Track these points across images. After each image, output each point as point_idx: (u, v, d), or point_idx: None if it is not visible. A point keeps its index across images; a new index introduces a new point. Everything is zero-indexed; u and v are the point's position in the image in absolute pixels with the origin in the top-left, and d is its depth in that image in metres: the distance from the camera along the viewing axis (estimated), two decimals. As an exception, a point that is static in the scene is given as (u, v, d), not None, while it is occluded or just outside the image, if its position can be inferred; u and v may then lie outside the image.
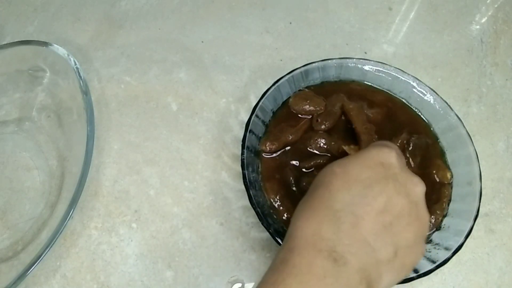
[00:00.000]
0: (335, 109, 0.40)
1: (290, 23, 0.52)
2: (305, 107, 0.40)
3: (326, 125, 0.39)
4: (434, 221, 0.36)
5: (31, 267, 0.34)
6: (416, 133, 0.40)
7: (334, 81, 0.43)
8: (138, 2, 0.54)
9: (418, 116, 0.41)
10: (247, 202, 0.37)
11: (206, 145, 0.44)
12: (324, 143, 0.39)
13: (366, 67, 0.42)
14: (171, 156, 0.44)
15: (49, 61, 0.44)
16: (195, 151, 0.44)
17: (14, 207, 0.41)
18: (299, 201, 0.29)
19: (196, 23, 0.52)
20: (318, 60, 0.41)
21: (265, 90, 0.40)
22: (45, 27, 0.52)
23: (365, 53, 0.50)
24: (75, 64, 0.42)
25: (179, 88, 0.48)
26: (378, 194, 0.26)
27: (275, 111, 0.41)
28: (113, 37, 0.52)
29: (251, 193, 0.35)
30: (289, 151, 0.39)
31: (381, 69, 0.42)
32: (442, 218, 0.37)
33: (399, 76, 0.41)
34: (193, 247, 0.39)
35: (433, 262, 0.33)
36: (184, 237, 0.40)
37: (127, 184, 0.42)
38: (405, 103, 0.42)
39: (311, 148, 0.39)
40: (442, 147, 0.40)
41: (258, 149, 0.39)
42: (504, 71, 0.49)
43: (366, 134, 0.38)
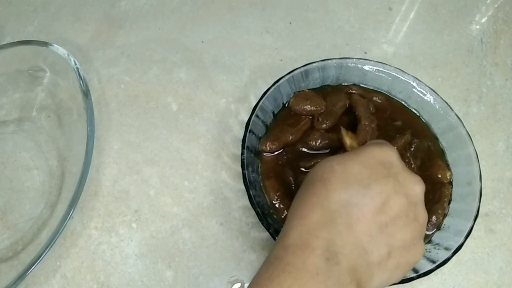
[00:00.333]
0: (336, 108, 0.40)
1: (290, 23, 0.52)
2: (305, 107, 0.40)
3: (327, 124, 0.40)
4: (436, 221, 0.36)
5: (31, 267, 0.34)
6: (417, 134, 0.40)
7: (334, 85, 0.43)
8: (138, 2, 0.54)
9: (417, 117, 0.41)
10: (247, 202, 0.37)
11: (206, 145, 0.44)
12: (324, 138, 0.39)
13: (366, 67, 0.42)
14: (171, 156, 0.44)
15: (49, 61, 0.44)
16: (195, 151, 0.44)
17: (14, 207, 0.41)
18: (296, 194, 0.28)
19: (196, 23, 0.52)
20: (318, 60, 0.41)
21: (265, 90, 0.40)
22: (45, 27, 0.52)
23: (365, 53, 0.50)
24: (75, 64, 0.42)
25: (179, 88, 0.48)
26: (376, 194, 0.26)
27: (275, 111, 0.41)
28: (113, 37, 0.52)
29: (251, 193, 0.35)
30: (289, 151, 0.39)
31: (381, 69, 0.42)
32: (443, 218, 0.37)
33: (399, 76, 0.41)
34: (193, 247, 0.39)
35: (433, 262, 0.33)
36: (184, 237, 0.40)
37: (127, 184, 0.42)
38: (404, 105, 0.42)
39: (311, 148, 0.39)
40: (442, 147, 0.40)
41: (258, 149, 0.39)
42: (504, 71, 0.49)
43: (367, 120, 0.38)
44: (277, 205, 0.37)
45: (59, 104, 0.45)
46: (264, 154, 0.39)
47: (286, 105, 0.42)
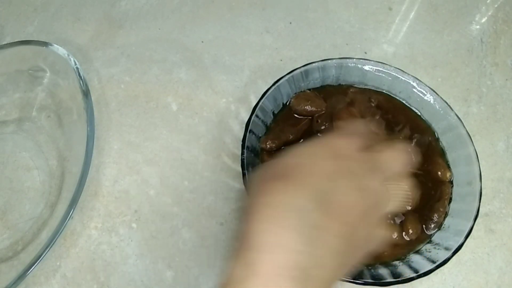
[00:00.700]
0: (335, 111, 0.40)
1: (290, 23, 0.52)
2: (306, 107, 0.40)
3: (326, 126, 0.40)
4: (437, 219, 0.36)
5: (31, 267, 0.34)
6: (418, 131, 0.40)
7: (336, 85, 0.43)
8: (138, 2, 0.54)
9: (418, 116, 0.42)
10: (247, 202, 0.37)
11: (206, 145, 0.44)
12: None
13: (366, 67, 0.42)
14: (171, 156, 0.44)
15: (49, 61, 0.44)
16: (195, 151, 0.44)
17: (14, 207, 0.41)
18: (257, 175, 0.26)
19: (196, 23, 0.52)
20: (318, 60, 0.41)
21: (265, 90, 0.40)
22: (45, 27, 0.52)
23: (365, 53, 0.50)
24: (75, 64, 0.42)
25: (179, 88, 0.48)
26: (333, 194, 0.24)
27: (275, 111, 0.41)
28: (113, 37, 0.52)
29: (251, 193, 0.35)
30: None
31: (381, 69, 0.42)
32: (444, 217, 0.36)
33: (399, 76, 0.41)
34: (193, 247, 0.39)
35: (433, 262, 0.33)
36: (184, 237, 0.40)
37: (127, 184, 0.42)
38: (405, 104, 0.42)
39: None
40: (442, 147, 0.40)
41: (258, 148, 0.39)
42: (504, 71, 0.49)
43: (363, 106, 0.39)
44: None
45: (59, 104, 0.45)
46: (264, 154, 0.39)
47: (287, 104, 0.42)
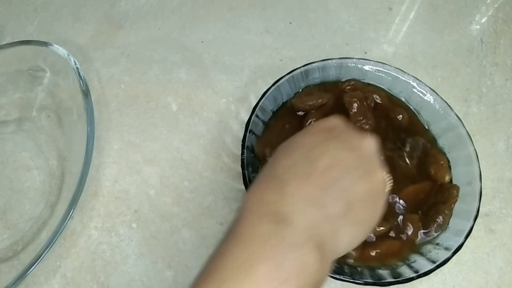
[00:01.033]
0: (327, 109, 0.40)
1: (290, 23, 0.52)
2: (307, 102, 0.40)
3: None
4: (442, 221, 0.36)
5: (31, 267, 0.34)
6: (414, 132, 0.40)
7: (333, 81, 0.43)
8: (138, 2, 0.54)
9: (415, 118, 0.41)
10: (247, 202, 0.37)
11: (206, 145, 0.44)
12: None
13: (366, 67, 0.42)
14: (171, 156, 0.44)
15: (49, 61, 0.44)
16: (195, 151, 0.44)
17: (14, 207, 0.41)
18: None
19: (196, 23, 0.52)
20: (318, 60, 0.41)
21: (265, 90, 0.40)
22: (45, 27, 0.52)
23: (365, 53, 0.50)
24: (75, 64, 0.42)
25: (179, 88, 0.48)
26: (320, 154, 0.26)
27: (275, 111, 0.41)
28: (113, 37, 0.52)
29: (251, 193, 0.35)
30: None
31: (381, 69, 0.42)
32: (449, 219, 0.36)
33: (399, 76, 0.41)
34: (193, 247, 0.39)
35: (433, 262, 0.33)
36: (184, 237, 0.40)
37: (127, 184, 0.42)
38: (404, 102, 0.42)
39: None
40: (441, 147, 0.40)
41: (256, 150, 0.39)
42: (504, 71, 0.49)
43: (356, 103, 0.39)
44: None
45: (59, 104, 0.45)
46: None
47: (288, 103, 0.42)
